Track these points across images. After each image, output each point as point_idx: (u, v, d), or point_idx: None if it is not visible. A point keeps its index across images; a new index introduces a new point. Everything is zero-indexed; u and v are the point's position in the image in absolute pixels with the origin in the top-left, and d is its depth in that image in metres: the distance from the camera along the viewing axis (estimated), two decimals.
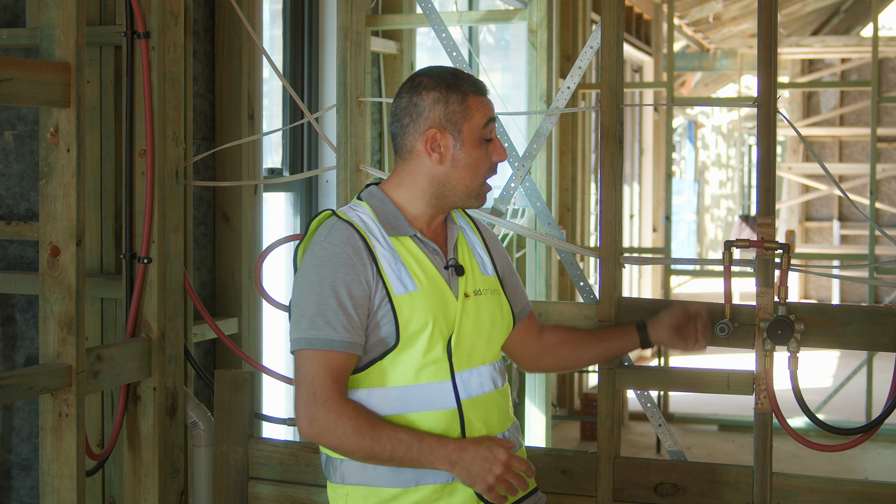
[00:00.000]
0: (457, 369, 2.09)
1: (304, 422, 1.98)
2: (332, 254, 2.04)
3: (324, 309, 2.01)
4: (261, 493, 2.88)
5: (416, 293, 2.07)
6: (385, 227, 2.11)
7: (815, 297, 13.51)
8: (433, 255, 2.14)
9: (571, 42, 7.32)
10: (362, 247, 2.05)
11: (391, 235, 2.10)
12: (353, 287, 2.02)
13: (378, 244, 2.08)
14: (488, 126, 2.14)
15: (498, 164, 2.16)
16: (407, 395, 2.06)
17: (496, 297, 2.23)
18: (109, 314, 3.13)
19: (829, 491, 2.66)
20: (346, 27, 3.12)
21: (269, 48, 4.34)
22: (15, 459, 3.34)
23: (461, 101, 2.11)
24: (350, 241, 2.05)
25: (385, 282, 2.05)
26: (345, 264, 2.03)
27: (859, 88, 12.75)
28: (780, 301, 2.70)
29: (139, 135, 2.83)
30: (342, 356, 2.01)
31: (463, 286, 2.15)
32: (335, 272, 2.02)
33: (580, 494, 2.81)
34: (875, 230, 7.23)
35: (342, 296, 2.01)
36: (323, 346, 2.00)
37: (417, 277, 2.08)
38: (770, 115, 2.69)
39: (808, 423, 4.30)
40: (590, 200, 7.98)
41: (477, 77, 2.20)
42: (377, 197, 2.16)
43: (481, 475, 1.96)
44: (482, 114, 2.13)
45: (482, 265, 2.24)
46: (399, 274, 2.07)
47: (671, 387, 3.01)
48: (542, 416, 4.52)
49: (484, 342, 2.17)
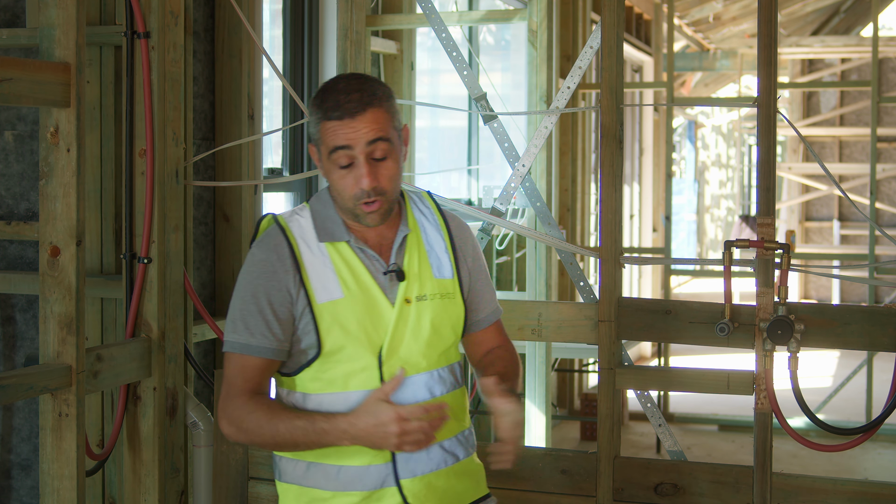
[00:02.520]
0: (387, 378, 2.06)
1: (222, 421, 2.06)
2: (258, 261, 2.07)
3: (245, 314, 2.06)
4: (261, 493, 2.88)
5: (341, 301, 2.05)
6: (319, 232, 2.09)
7: (815, 297, 13.51)
8: (370, 261, 2.09)
9: (571, 42, 7.32)
10: (287, 254, 2.06)
11: (323, 241, 2.08)
12: (273, 294, 2.05)
13: (308, 250, 2.07)
14: (335, 155, 2.02)
15: (365, 188, 2.02)
16: (337, 401, 2.06)
17: (445, 302, 2.15)
18: (109, 314, 3.13)
19: (829, 491, 2.66)
20: (346, 27, 3.12)
21: (269, 48, 4.34)
22: (15, 459, 3.34)
23: (317, 123, 2.05)
24: (276, 248, 2.07)
25: (307, 289, 2.05)
26: (266, 271, 2.06)
27: (859, 88, 12.75)
28: (780, 301, 2.70)
29: (139, 135, 2.83)
30: (258, 360, 2.06)
31: (403, 292, 2.09)
32: (257, 279, 2.06)
33: (580, 494, 2.81)
34: (875, 230, 7.23)
35: (261, 302, 2.05)
36: (241, 351, 2.06)
37: (345, 284, 2.06)
38: (770, 115, 2.69)
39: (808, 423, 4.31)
40: (590, 200, 7.98)
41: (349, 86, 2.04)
42: (322, 200, 2.13)
43: (382, 441, 1.95)
44: (329, 140, 2.02)
45: (437, 267, 2.16)
46: (325, 281, 2.05)
47: (671, 387, 3.01)
48: (542, 416, 4.52)
49: (422, 350, 2.10)
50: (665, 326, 2.83)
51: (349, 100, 2.02)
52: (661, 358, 7.20)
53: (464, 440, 2.18)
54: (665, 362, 7.24)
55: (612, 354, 2.85)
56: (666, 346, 7.20)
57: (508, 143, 3.33)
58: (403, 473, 2.06)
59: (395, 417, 1.93)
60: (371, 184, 2.02)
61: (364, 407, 1.96)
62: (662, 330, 2.83)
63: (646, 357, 9.93)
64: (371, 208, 2.05)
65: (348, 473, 2.05)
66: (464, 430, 2.19)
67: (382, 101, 2.04)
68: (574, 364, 7.52)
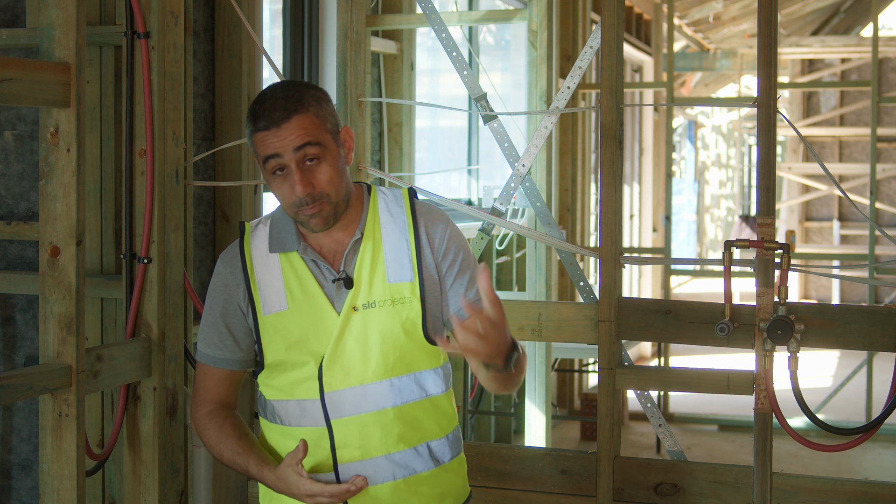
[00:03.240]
0: (328, 388, 2.05)
1: (192, 425, 2.20)
2: (217, 273, 2.16)
3: (206, 326, 2.16)
4: None
5: (285, 312, 2.08)
6: (271, 242, 2.12)
7: (815, 297, 13.51)
8: (319, 270, 2.08)
9: (571, 42, 7.32)
10: (239, 268, 2.12)
11: (273, 251, 2.10)
12: (227, 308, 2.13)
13: (261, 262, 2.12)
14: (269, 164, 2.01)
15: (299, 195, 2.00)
16: (285, 408, 2.12)
17: (397, 308, 2.07)
18: (109, 314, 3.13)
19: (829, 491, 2.66)
20: (346, 27, 3.12)
21: (269, 48, 4.34)
22: (15, 459, 3.34)
23: (250, 136, 2.05)
24: (231, 262, 2.14)
25: (255, 303, 2.10)
26: (221, 286, 2.14)
27: (859, 88, 12.75)
28: (780, 301, 2.70)
29: (139, 135, 2.83)
30: (219, 371, 2.17)
31: (350, 300, 2.05)
32: (214, 293, 2.15)
33: (580, 494, 2.81)
34: (875, 230, 7.23)
35: (216, 315, 2.14)
36: (203, 360, 2.18)
37: (291, 294, 2.08)
38: (770, 115, 2.69)
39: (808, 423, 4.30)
40: (590, 200, 7.98)
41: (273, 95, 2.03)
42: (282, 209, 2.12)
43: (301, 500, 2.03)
44: (260, 151, 2.02)
45: (393, 271, 2.08)
46: (273, 292, 2.09)
47: (671, 387, 3.01)
48: (542, 416, 4.52)
49: (365, 358, 2.05)
50: (665, 326, 2.83)
51: (274, 108, 2.01)
52: (661, 358, 7.20)
53: (426, 452, 2.11)
54: (665, 362, 7.24)
55: (612, 354, 2.85)
56: (666, 346, 7.20)
57: (508, 143, 3.33)
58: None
59: (304, 493, 2.00)
60: (304, 190, 2.00)
61: (281, 472, 2.03)
62: (662, 330, 2.83)
63: (646, 357, 9.92)
64: (311, 212, 2.02)
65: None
66: (429, 441, 2.12)
67: (309, 106, 2.01)
68: (574, 364, 7.52)
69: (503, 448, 2.86)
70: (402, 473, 2.08)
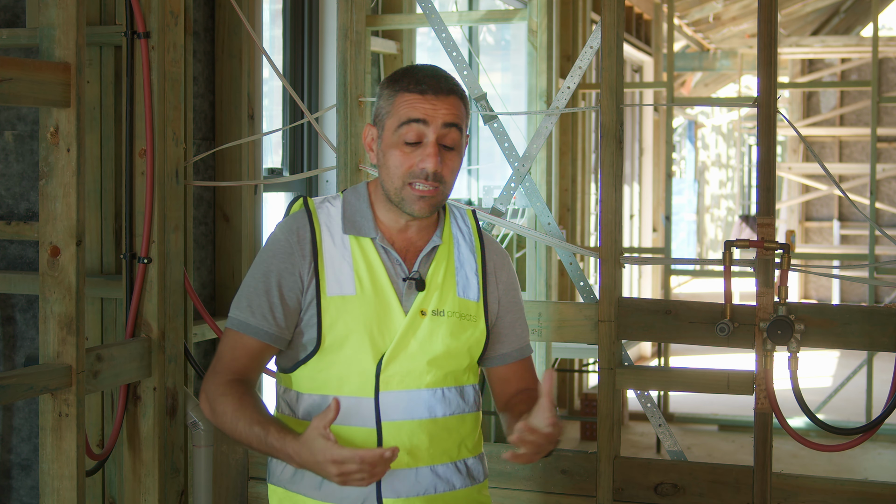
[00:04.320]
0: (383, 388, 1.97)
1: (201, 395, 2.01)
2: (276, 240, 2.02)
3: (251, 292, 2.00)
4: (261, 493, 2.88)
5: (351, 297, 1.97)
6: (345, 223, 2.02)
7: (815, 297, 13.51)
8: (392, 264, 2.01)
9: (571, 42, 7.32)
10: (308, 239, 2.00)
11: (348, 233, 2.01)
12: (284, 276, 1.99)
13: (330, 240, 2.01)
14: (406, 127, 1.95)
15: (425, 170, 1.95)
16: (323, 405, 1.97)
17: (465, 323, 2.05)
18: (109, 314, 3.13)
19: (829, 491, 2.66)
20: (346, 27, 3.12)
21: (269, 48, 4.34)
22: (15, 459, 3.34)
23: (391, 96, 1.98)
24: (298, 231, 2.01)
25: (320, 279, 1.98)
26: (283, 252, 2.00)
27: (859, 88, 12.75)
28: (780, 301, 2.70)
29: (139, 135, 2.83)
30: (252, 341, 2.00)
31: (420, 303, 2.01)
32: (272, 259, 2.01)
33: (580, 494, 2.81)
34: (875, 230, 7.23)
35: (271, 283, 1.99)
36: (237, 328, 2.01)
37: (360, 281, 1.98)
38: (770, 115, 2.69)
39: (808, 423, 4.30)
40: (590, 200, 7.98)
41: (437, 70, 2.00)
42: (358, 192, 2.08)
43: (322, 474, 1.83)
44: (403, 112, 1.95)
45: (462, 286, 2.07)
46: (340, 274, 1.98)
47: (671, 387, 3.01)
48: None
49: (427, 365, 2.00)
50: (665, 326, 2.83)
51: (436, 77, 1.97)
52: (661, 358, 7.19)
53: (464, 469, 2.07)
54: (665, 362, 7.24)
55: (612, 354, 2.85)
56: (666, 346, 7.20)
57: (508, 143, 3.33)
58: (387, 493, 1.98)
59: (330, 460, 1.79)
60: (435, 166, 1.95)
61: (305, 437, 1.83)
62: (662, 330, 2.83)
63: (646, 357, 9.92)
64: (426, 192, 1.96)
65: (330, 486, 1.96)
66: (466, 459, 2.08)
67: (464, 96, 2.01)
68: (574, 364, 7.52)
69: (503, 448, 2.86)
70: (443, 488, 2.03)
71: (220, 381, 1.98)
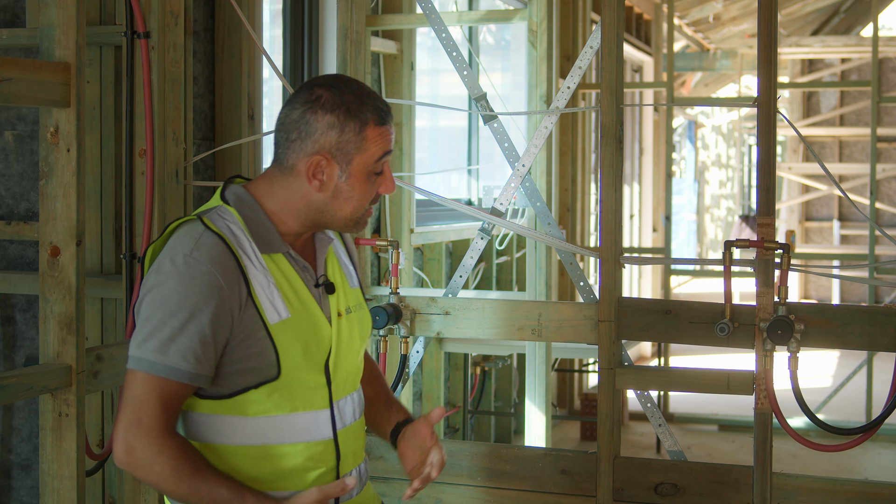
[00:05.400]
0: (335, 397, 1.94)
1: (121, 449, 1.78)
2: (198, 273, 1.79)
3: (178, 335, 1.78)
4: None
5: (289, 320, 1.87)
6: (257, 242, 1.87)
7: (815, 297, 13.51)
8: (304, 273, 1.93)
9: (571, 42, 7.32)
10: (233, 266, 1.82)
11: (263, 252, 1.87)
12: (217, 315, 1.80)
13: (250, 263, 1.85)
14: (382, 159, 1.90)
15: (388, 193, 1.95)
16: (278, 425, 1.88)
17: (362, 313, 2.04)
18: (109, 314, 3.13)
19: (829, 491, 2.66)
20: (346, 27, 3.12)
21: (269, 48, 4.34)
22: (15, 459, 3.34)
23: (358, 131, 1.87)
24: (220, 261, 1.81)
25: (259, 309, 1.84)
26: (211, 288, 1.79)
27: (859, 88, 12.75)
28: (780, 301, 2.70)
29: (139, 135, 2.83)
30: (182, 387, 1.80)
31: (335, 305, 1.96)
32: (198, 296, 1.78)
33: (580, 494, 2.81)
34: (875, 230, 7.23)
35: (203, 324, 1.78)
36: (165, 374, 1.78)
37: (290, 301, 1.88)
38: (770, 115, 2.69)
39: (808, 423, 4.30)
40: (590, 200, 7.98)
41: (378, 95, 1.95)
42: (247, 204, 1.90)
43: None
44: (378, 146, 1.89)
45: (349, 277, 2.05)
46: (272, 299, 1.86)
47: (671, 387, 3.01)
48: (542, 416, 4.52)
49: (354, 365, 2.00)
50: (665, 326, 2.83)
51: (382, 100, 1.92)
52: (661, 358, 7.19)
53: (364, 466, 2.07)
54: (665, 362, 7.24)
55: (612, 354, 2.85)
56: (666, 346, 7.20)
57: (508, 143, 3.33)
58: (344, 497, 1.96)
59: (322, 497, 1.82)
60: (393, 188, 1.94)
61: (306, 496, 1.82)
62: (662, 330, 2.83)
63: (646, 357, 9.92)
64: (371, 211, 1.96)
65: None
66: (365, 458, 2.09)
67: None
68: (574, 364, 7.52)
69: (503, 448, 2.86)
70: (361, 487, 2.03)
71: (156, 440, 1.77)
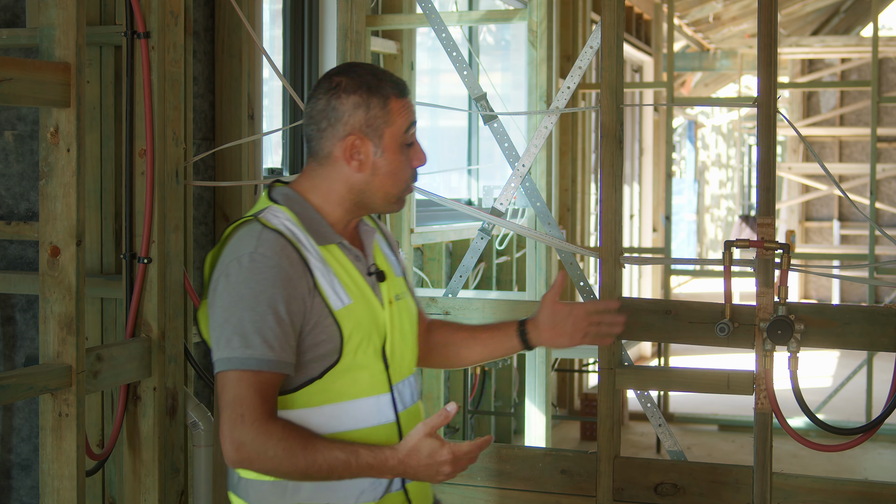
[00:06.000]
0: (394, 380, 2.02)
1: (231, 447, 1.84)
2: (266, 267, 1.88)
3: (260, 326, 1.85)
4: None
5: (351, 306, 1.95)
6: (312, 235, 1.96)
7: (815, 297, 13.51)
8: (357, 262, 2.02)
9: (571, 42, 7.32)
10: (296, 258, 1.91)
11: (320, 244, 1.96)
12: (291, 303, 1.88)
13: (310, 255, 1.94)
14: (410, 130, 2.01)
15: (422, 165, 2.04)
16: (344, 412, 1.95)
17: (409, 300, 2.14)
18: (109, 314, 3.13)
19: (829, 491, 2.66)
20: (346, 27, 3.12)
21: (269, 48, 4.34)
22: (15, 459, 3.34)
23: (383, 105, 1.97)
24: (284, 253, 1.90)
25: (322, 296, 1.92)
26: (281, 279, 1.88)
27: (859, 88, 12.75)
28: (780, 301, 2.70)
29: (139, 135, 2.83)
30: (274, 376, 1.87)
31: (386, 292, 2.04)
32: (272, 288, 1.87)
33: (580, 494, 2.81)
34: (875, 230, 7.23)
35: (280, 312, 1.87)
36: (257, 367, 1.85)
37: (349, 289, 1.97)
38: (770, 115, 2.69)
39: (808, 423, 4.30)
40: (590, 200, 7.98)
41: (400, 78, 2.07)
42: (296, 201, 2.00)
43: (431, 477, 1.88)
44: (404, 118, 1.99)
45: (393, 266, 2.14)
46: (334, 287, 1.94)
47: (671, 387, 3.01)
48: (542, 416, 4.52)
49: (409, 350, 2.08)
50: (665, 326, 2.83)
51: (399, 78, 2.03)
52: (661, 358, 7.20)
53: None
54: (665, 362, 7.24)
55: (612, 354, 2.85)
56: (666, 346, 7.20)
57: (508, 143, 3.33)
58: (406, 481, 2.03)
59: (450, 459, 1.85)
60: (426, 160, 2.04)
61: (414, 443, 1.86)
62: (662, 330, 2.83)
63: (646, 357, 9.92)
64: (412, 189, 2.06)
65: (361, 484, 1.96)
66: None
67: None
68: (574, 364, 7.52)
69: (503, 448, 2.86)
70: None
71: (263, 428, 1.84)
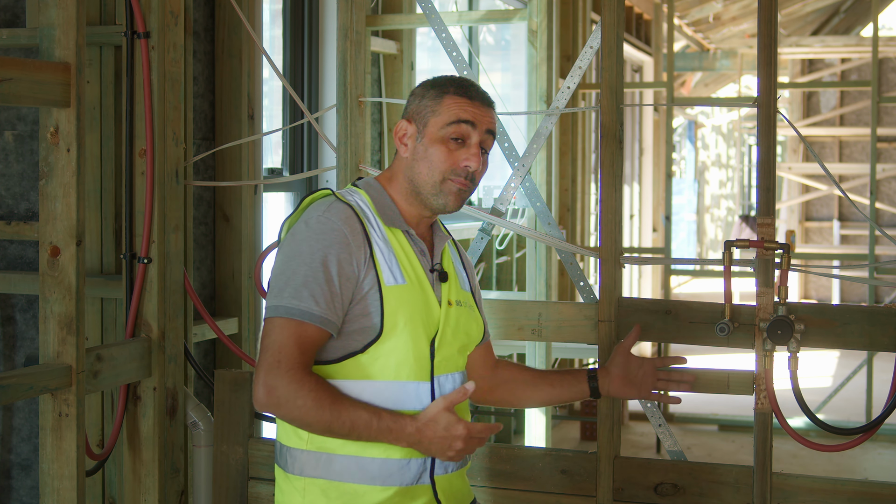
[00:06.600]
0: (436, 372, 2.07)
1: (263, 391, 1.92)
2: (329, 229, 2.00)
3: (310, 281, 1.95)
4: (261, 493, 2.88)
5: (405, 287, 2.04)
6: (382, 216, 2.08)
7: (815, 297, 13.51)
8: (421, 256, 2.12)
9: (571, 42, 7.32)
10: (359, 229, 2.03)
11: (387, 225, 2.08)
12: (345, 265, 1.98)
13: (374, 231, 2.05)
14: (455, 126, 2.09)
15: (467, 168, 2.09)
16: (384, 391, 2.01)
17: (471, 312, 2.22)
18: (109, 314, 3.13)
19: (829, 491, 2.66)
20: (346, 27, 3.12)
21: (269, 48, 4.34)
22: (15, 459, 3.34)
23: (437, 97, 2.11)
24: (348, 221, 2.02)
25: (377, 268, 2.02)
26: (340, 241, 1.99)
27: (859, 88, 12.76)
28: (780, 301, 2.70)
29: (139, 135, 2.83)
30: (316, 331, 1.96)
31: (446, 293, 2.13)
32: (329, 246, 1.98)
33: (580, 494, 2.81)
34: (875, 230, 7.23)
35: (332, 271, 1.97)
36: (300, 318, 1.95)
37: (406, 272, 2.06)
38: (770, 115, 2.69)
39: (808, 423, 4.31)
40: (590, 200, 7.98)
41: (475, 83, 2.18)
42: (374, 187, 2.14)
43: (441, 452, 1.96)
44: (452, 112, 2.09)
45: (461, 279, 2.24)
46: (390, 265, 2.04)
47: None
48: (542, 416, 4.52)
49: (458, 352, 2.15)
50: (665, 326, 2.83)
51: (479, 88, 2.14)
52: None
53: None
54: None
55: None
56: (666, 346, 7.20)
57: (508, 143, 3.33)
58: (438, 470, 2.06)
59: (464, 434, 1.94)
60: (477, 165, 2.09)
61: (432, 415, 1.94)
62: (662, 330, 2.83)
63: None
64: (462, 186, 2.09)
65: (389, 467, 2.01)
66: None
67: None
68: (574, 364, 7.52)
69: (503, 448, 2.86)
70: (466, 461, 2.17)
71: (297, 377, 1.92)
